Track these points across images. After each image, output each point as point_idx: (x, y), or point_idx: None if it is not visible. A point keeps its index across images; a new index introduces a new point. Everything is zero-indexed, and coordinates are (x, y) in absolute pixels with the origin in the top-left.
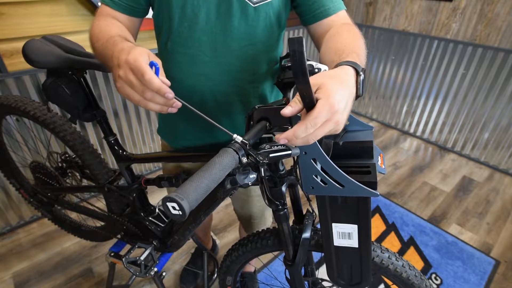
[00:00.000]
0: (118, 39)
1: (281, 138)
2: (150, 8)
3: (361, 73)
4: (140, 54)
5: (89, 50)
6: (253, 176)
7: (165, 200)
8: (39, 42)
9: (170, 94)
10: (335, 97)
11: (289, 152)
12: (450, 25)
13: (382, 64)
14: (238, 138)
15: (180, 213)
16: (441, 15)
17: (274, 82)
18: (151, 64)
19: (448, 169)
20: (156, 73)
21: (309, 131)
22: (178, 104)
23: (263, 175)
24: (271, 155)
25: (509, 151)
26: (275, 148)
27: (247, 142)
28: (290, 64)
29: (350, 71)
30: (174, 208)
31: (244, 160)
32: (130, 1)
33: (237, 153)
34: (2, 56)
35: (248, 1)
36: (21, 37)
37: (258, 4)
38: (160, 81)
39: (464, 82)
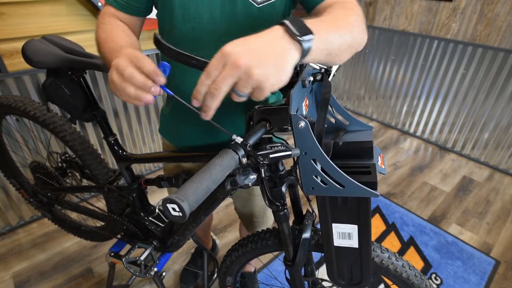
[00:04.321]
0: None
1: (192, 99)
2: (154, 7)
3: (285, 21)
4: (126, 54)
5: (89, 50)
6: (253, 177)
7: (165, 201)
8: (38, 42)
9: (162, 79)
10: (228, 44)
11: (289, 152)
12: (450, 25)
13: (382, 64)
14: (238, 139)
15: (180, 214)
16: (441, 15)
17: None
18: (163, 66)
19: (448, 169)
20: (165, 73)
21: (205, 82)
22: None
23: (263, 175)
24: (271, 155)
25: (509, 151)
26: (275, 148)
27: (247, 143)
28: None
29: (275, 29)
30: (174, 209)
31: (244, 161)
32: (132, 1)
33: (237, 153)
34: (2, 56)
35: (252, 1)
36: (21, 37)
37: (262, 4)
38: (155, 66)
39: (464, 82)
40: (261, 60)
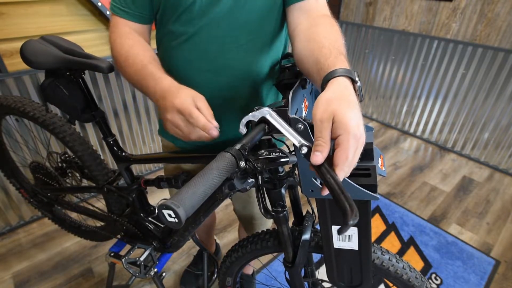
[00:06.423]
0: (154, 70)
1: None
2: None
3: (357, 79)
4: (186, 97)
5: (88, 50)
6: (251, 180)
7: (161, 207)
8: (37, 42)
9: (215, 132)
10: (354, 125)
11: (287, 159)
12: (450, 25)
13: (382, 64)
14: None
15: (176, 220)
16: (441, 15)
17: (273, 83)
18: None
19: (448, 169)
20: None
21: (347, 171)
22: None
23: (260, 183)
24: (269, 162)
25: (509, 151)
26: (273, 155)
27: (245, 146)
28: (289, 65)
29: (348, 84)
30: (170, 215)
31: (242, 164)
32: (139, 9)
33: (235, 157)
34: (2, 56)
35: None
36: (21, 37)
37: None
38: (205, 119)
39: (464, 82)
40: (362, 132)
